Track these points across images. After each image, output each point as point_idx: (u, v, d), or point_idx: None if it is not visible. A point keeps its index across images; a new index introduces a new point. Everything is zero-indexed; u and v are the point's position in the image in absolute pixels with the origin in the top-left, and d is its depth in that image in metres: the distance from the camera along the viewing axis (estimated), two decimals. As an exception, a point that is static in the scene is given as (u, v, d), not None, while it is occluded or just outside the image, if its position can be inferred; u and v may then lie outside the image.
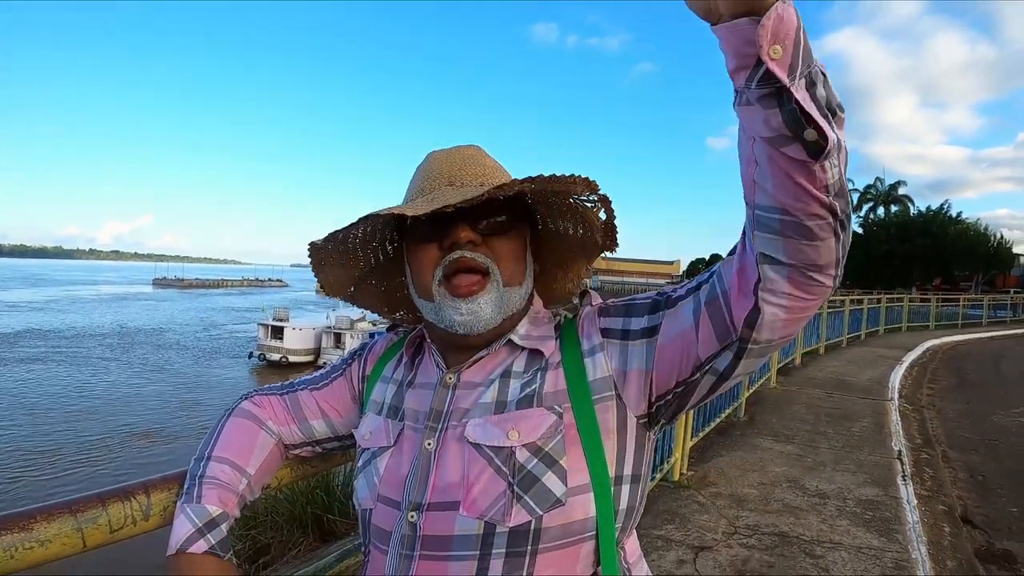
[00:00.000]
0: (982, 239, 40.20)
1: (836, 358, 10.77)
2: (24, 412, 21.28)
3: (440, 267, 0.89)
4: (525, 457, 0.82)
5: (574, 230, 0.98)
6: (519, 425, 0.84)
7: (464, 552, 0.81)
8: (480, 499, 0.81)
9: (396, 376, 1.02)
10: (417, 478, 0.87)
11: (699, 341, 0.79)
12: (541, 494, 0.80)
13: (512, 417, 0.85)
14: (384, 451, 0.93)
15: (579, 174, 0.83)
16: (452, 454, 0.86)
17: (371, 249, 1.05)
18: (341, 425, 1.07)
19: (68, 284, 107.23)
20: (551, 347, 0.92)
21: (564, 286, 1.09)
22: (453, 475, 0.85)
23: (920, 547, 3.44)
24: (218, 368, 31.91)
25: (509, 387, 0.89)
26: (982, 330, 17.98)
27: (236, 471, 0.96)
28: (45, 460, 16.67)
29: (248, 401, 1.07)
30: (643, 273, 78.40)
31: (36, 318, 49.32)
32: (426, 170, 0.94)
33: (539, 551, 0.80)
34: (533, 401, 0.86)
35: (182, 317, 54.83)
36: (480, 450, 0.84)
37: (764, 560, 3.21)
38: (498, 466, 0.82)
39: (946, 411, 7.24)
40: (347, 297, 1.11)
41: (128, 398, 23.92)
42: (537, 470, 0.81)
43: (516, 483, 0.81)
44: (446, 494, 0.84)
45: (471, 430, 0.86)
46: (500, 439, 0.84)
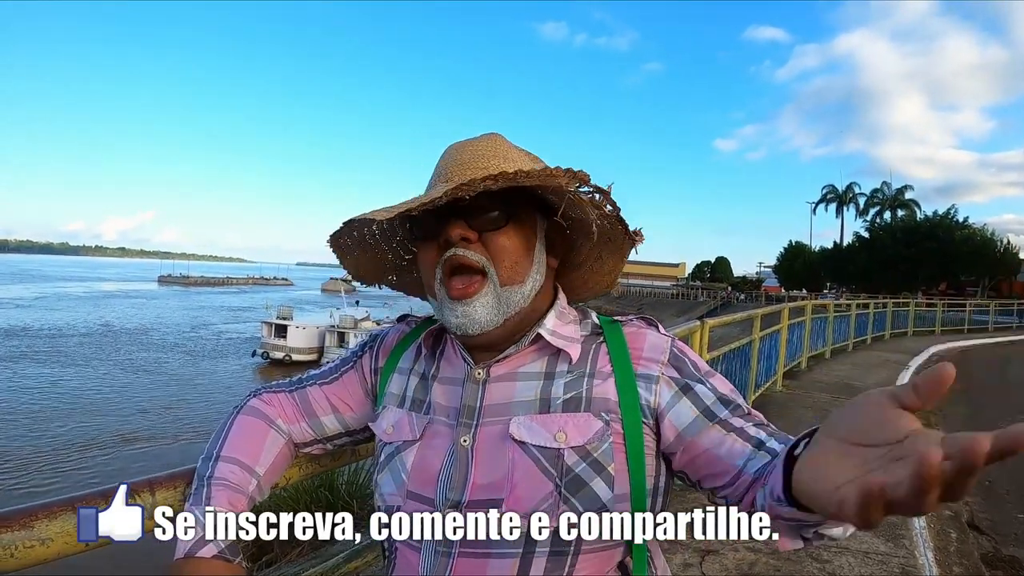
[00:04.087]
0: (988, 244, 39.97)
1: (842, 362, 10.72)
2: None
3: (439, 266, 0.88)
4: (574, 460, 0.82)
5: (598, 221, 0.91)
6: (566, 427, 0.84)
7: (506, 550, 0.80)
8: (526, 498, 0.81)
9: (417, 368, 1.00)
10: (454, 475, 0.86)
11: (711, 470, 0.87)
12: (589, 497, 0.81)
13: (558, 419, 0.85)
14: (410, 445, 0.92)
15: (560, 166, 0.81)
16: (493, 452, 0.86)
17: (397, 244, 1.04)
18: (353, 420, 1.05)
19: (60, 280, 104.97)
20: (577, 350, 0.91)
21: (602, 279, 1.07)
22: (495, 473, 0.84)
23: (927, 552, 3.41)
24: (197, 369, 30.20)
25: (552, 387, 0.88)
26: (988, 335, 17.87)
27: (245, 471, 0.94)
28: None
29: (257, 399, 1.04)
30: (649, 275, 78.43)
31: (17, 315, 47.57)
32: (437, 165, 0.93)
33: (581, 551, 0.81)
34: (581, 405, 0.87)
35: (171, 316, 53.31)
36: (526, 449, 0.84)
37: (770, 564, 3.19)
38: (545, 466, 0.82)
39: (952, 416, 7.20)
40: (390, 285, 1.11)
41: (89, 404, 21.95)
42: (585, 474, 0.82)
43: (564, 485, 0.81)
44: (488, 492, 0.83)
45: (516, 428, 0.85)
46: (547, 440, 0.84)
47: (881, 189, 54.95)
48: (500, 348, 0.92)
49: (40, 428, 18.99)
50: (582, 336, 0.94)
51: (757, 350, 6.26)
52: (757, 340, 6.25)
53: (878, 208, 53.85)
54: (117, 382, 25.85)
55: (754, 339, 6.18)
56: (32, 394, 23.11)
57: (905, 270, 40.66)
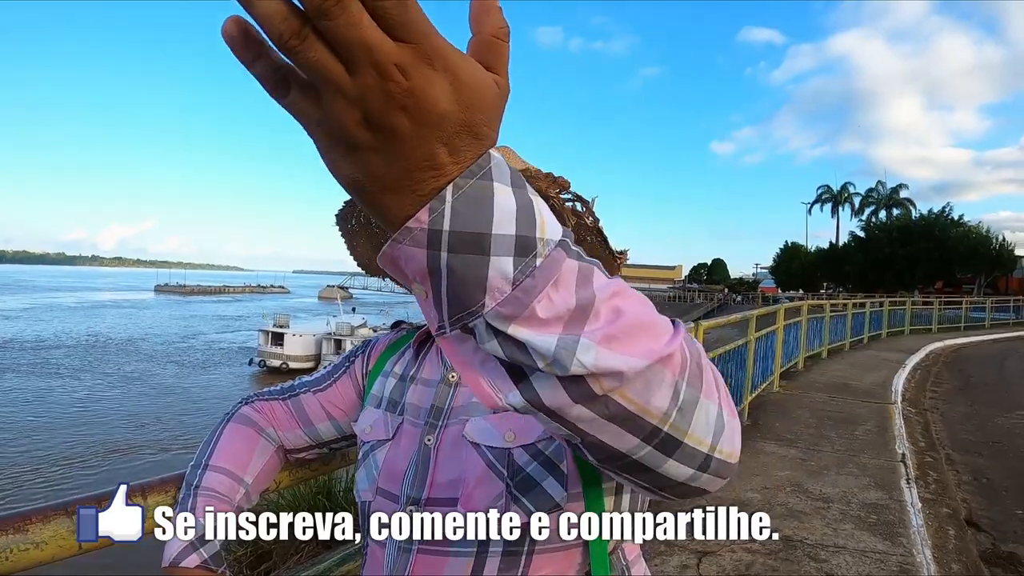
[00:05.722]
0: (984, 242, 40.07)
1: (839, 362, 10.75)
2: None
3: None
4: (524, 459, 0.82)
5: (581, 233, 0.93)
6: (515, 426, 0.84)
7: (462, 549, 0.81)
8: (478, 498, 0.82)
9: (397, 370, 1.02)
10: (416, 473, 0.87)
11: None
12: (540, 497, 0.80)
13: (509, 418, 0.85)
14: (383, 444, 0.94)
15: (540, 168, 0.82)
16: (451, 452, 0.87)
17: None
18: (347, 425, 1.06)
19: (50, 290, 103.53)
20: None
21: None
22: (452, 472, 0.85)
23: (925, 550, 3.42)
24: (189, 380, 29.08)
25: None
26: (985, 333, 17.93)
27: (233, 480, 0.96)
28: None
29: (248, 407, 1.06)
30: (645, 278, 78.42)
31: (3, 327, 45.84)
32: None
33: (535, 551, 0.81)
34: None
35: (161, 326, 51.68)
36: (479, 449, 0.84)
37: (768, 564, 3.19)
38: (496, 466, 0.82)
39: (950, 414, 7.22)
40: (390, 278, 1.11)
41: (74, 417, 20.83)
42: (537, 473, 0.81)
43: (514, 484, 0.81)
44: (445, 491, 0.85)
45: (469, 428, 0.86)
46: (497, 440, 0.84)
47: (876, 188, 55.10)
48: None
49: (22, 442, 18.02)
50: None
51: (753, 351, 6.25)
52: (753, 341, 6.25)
53: (873, 207, 53.95)
54: (104, 394, 24.92)
55: (750, 340, 6.18)
56: (15, 408, 22.06)
57: (901, 269, 40.78)
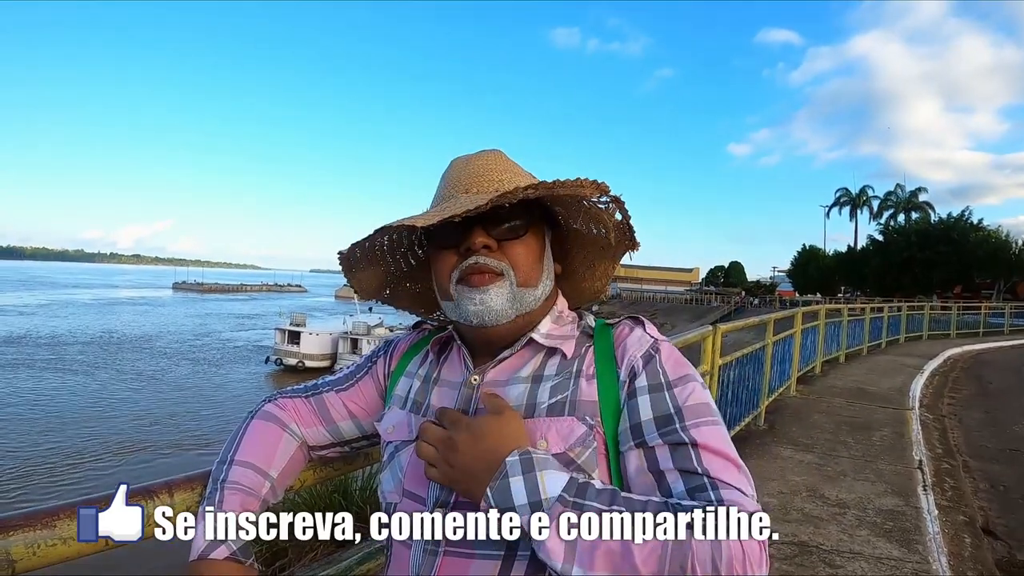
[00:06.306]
0: (1004, 246, 39.41)
1: (857, 366, 10.63)
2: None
3: (457, 270, 0.91)
4: None
5: (597, 230, 1.00)
6: (548, 433, 0.84)
7: (489, 552, 0.81)
8: None
9: (420, 372, 1.03)
10: None
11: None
12: None
13: (541, 424, 0.85)
14: (407, 445, 0.95)
15: (587, 178, 0.85)
16: None
17: (400, 255, 1.08)
18: (370, 424, 1.08)
19: (68, 287, 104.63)
20: (571, 347, 0.93)
21: (592, 285, 1.11)
22: None
23: (941, 558, 3.39)
24: (204, 378, 29.00)
25: (539, 391, 0.90)
26: (1004, 339, 17.64)
27: (259, 475, 0.97)
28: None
29: (271, 403, 1.07)
30: (662, 281, 78.14)
31: (19, 322, 46.22)
32: (447, 177, 0.96)
33: None
34: (565, 409, 0.87)
35: (176, 324, 51.74)
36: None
37: (783, 570, 3.17)
38: None
39: (967, 420, 7.13)
40: (383, 299, 1.14)
41: (87, 414, 20.66)
42: None
43: None
44: None
45: None
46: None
47: (895, 192, 54.64)
48: (500, 349, 0.95)
49: (35, 439, 17.94)
50: (576, 336, 0.96)
51: (771, 355, 6.22)
52: (771, 345, 6.21)
53: (892, 211, 53.48)
54: (117, 391, 24.82)
55: (767, 344, 6.14)
56: (28, 405, 22.02)
57: (919, 273, 40.24)
